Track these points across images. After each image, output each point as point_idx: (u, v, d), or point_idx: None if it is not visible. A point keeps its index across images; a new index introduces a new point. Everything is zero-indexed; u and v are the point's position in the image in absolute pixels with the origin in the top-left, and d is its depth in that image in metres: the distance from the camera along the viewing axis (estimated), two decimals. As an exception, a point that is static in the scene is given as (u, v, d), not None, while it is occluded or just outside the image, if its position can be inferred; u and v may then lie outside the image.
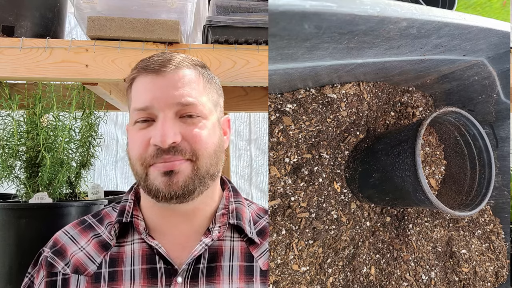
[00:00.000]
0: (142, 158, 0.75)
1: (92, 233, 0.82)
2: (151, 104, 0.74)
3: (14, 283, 1.00)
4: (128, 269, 0.76)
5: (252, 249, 0.80)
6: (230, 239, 0.81)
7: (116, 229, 0.79)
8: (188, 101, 0.75)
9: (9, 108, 1.15)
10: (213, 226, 0.80)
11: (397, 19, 0.77)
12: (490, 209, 1.37)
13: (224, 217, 0.81)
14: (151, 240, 0.77)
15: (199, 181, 0.75)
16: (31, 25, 1.05)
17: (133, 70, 0.80)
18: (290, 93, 1.10)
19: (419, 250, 1.20)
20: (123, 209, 0.81)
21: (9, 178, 1.16)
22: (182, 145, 0.74)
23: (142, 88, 0.76)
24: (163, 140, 0.72)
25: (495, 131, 1.29)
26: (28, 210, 1.03)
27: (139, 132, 0.76)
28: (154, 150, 0.73)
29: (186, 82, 0.76)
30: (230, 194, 0.86)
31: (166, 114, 0.74)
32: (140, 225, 0.80)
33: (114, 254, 0.78)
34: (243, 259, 0.79)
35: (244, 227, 0.81)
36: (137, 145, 0.75)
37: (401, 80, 1.24)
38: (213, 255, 0.78)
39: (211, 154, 0.77)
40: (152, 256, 0.77)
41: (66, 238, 0.82)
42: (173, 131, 0.73)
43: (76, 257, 0.78)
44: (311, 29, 0.71)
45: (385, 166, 1.03)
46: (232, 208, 0.83)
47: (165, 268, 0.75)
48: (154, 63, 0.76)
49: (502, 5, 1.40)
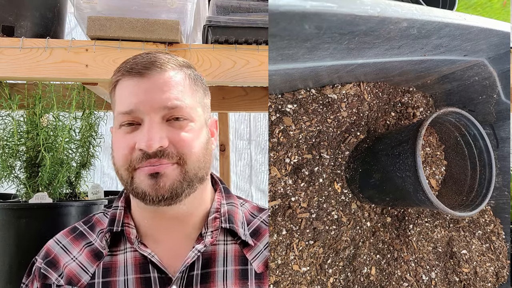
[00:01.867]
0: (127, 163, 0.73)
1: (84, 241, 0.81)
2: (136, 108, 0.72)
3: (14, 282, 1.00)
4: (122, 278, 0.75)
5: (246, 252, 0.79)
6: (224, 243, 0.79)
7: (108, 238, 0.78)
8: (175, 104, 0.73)
9: (9, 108, 1.15)
10: (205, 231, 0.78)
11: (397, 20, 0.77)
12: (491, 209, 1.37)
13: (216, 221, 0.79)
14: (144, 249, 0.76)
15: (187, 184, 0.74)
16: (31, 25, 1.05)
17: (116, 72, 0.77)
18: (290, 94, 1.10)
19: (420, 251, 1.20)
20: (113, 217, 0.79)
21: (9, 178, 1.16)
22: (169, 149, 0.72)
23: (126, 91, 0.74)
24: (149, 145, 0.70)
25: (495, 132, 1.29)
26: (28, 210, 1.03)
27: (125, 136, 0.74)
28: (140, 155, 0.72)
29: (172, 85, 0.74)
30: (222, 195, 0.84)
31: (152, 118, 0.72)
32: (132, 233, 0.78)
33: (107, 264, 0.77)
34: (237, 263, 0.78)
35: (237, 230, 0.79)
36: (122, 149, 0.73)
37: (401, 80, 1.24)
38: (207, 261, 0.77)
39: (199, 158, 0.75)
40: (145, 265, 0.75)
41: (58, 248, 0.80)
42: (160, 135, 0.71)
43: (69, 268, 0.77)
44: (311, 29, 0.71)
45: (386, 166, 1.02)
46: (224, 211, 0.81)
47: (159, 277, 0.74)
48: (139, 65, 0.74)
49: (502, 6, 1.40)
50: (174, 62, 0.77)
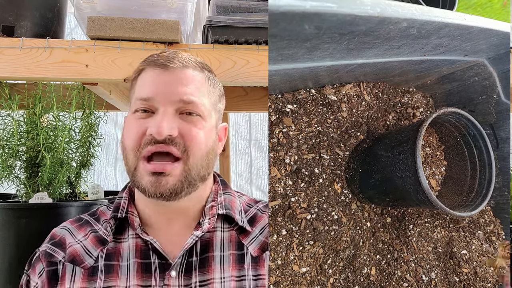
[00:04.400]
0: (136, 147, 0.75)
1: (90, 228, 0.83)
2: (153, 96, 0.76)
3: (13, 282, 1.00)
4: (124, 264, 0.77)
5: (242, 238, 0.82)
6: (221, 229, 0.82)
7: (112, 225, 0.80)
8: (191, 99, 0.76)
9: (9, 108, 1.15)
10: (203, 219, 0.81)
11: (397, 20, 0.77)
12: (491, 209, 1.37)
13: (213, 209, 0.83)
14: (146, 235, 0.78)
15: (188, 183, 0.76)
16: (31, 25, 1.05)
17: (142, 62, 0.82)
18: (290, 94, 1.10)
19: (420, 251, 1.20)
20: (118, 205, 0.82)
21: (9, 178, 1.16)
22: (177, 140, 0.75)
23: (148, 80, 0.78)
24: (160, 132, 0.73)
25: (495, 132, 1.29)
26: (28, 210, 1.03)
27: (138, 121, 0.76)
28: (149, 139, 0.74)
29: (191, 81, 0.78)
30: (219, 186, 0.87)
31: (167, 108, 0.75)
32: (135, 221, 0.81)
33: (111, 249, 0.79)
34: (234, 248, 0.81)
35: (234, 216, 0.82)
36: (133, 133, 0.76)
37: (401, 80, 1.24)
38: (205, 247, 0.79)
39: (203, 155, 0.77)
40: (147, 251, 0.78)
41: (64, 231, 0.83)
42: (171, 125, 0.74)
43: (73, 248, 0.79)
44: (311, 29, 0.71)
45: (386, 166, 1.02)
46: (220, 199, 0.84)
47: (159, 263, 0.76)
48: (164, 58, 0.78)
49: (502, 6, 1.40)
50: (198, 63, 0.82)
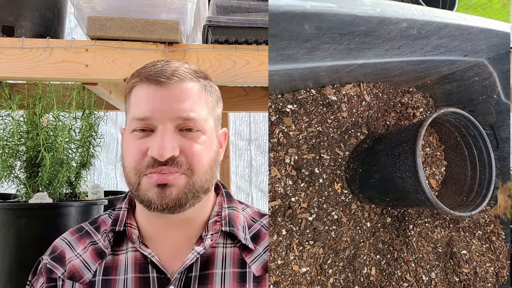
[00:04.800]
0: (137, 167, 0.74)
1: (89, 240, 0.82)
2: (151, 115, 0.73)
3: (13, 282, 1.00)
4: (122, 277, 0.76)
5: (245, 255, 0.80)
6: (223, 246, 0.80)
7: (110, 238, 0.79)
8: (190, 116, 0.74)
9: (9, 108, 1.15)
10: (205, 234, 0.79)
11: (397, 20, 0.77)
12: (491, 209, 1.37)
13: (216, 225, 0.81)
14: (144, 248, 0.77)
15: (192, 195, 0.75)
16: (31, 25, 1.05)
17: (134, 76, 0.78)
18: (290, 94, 1.10)
19: (420, 251, 1.20)
20: (117, 217, 0.81)
21: (9, 178, 1.16)
22: (179, 159, 0.73)
23: (143, 97, 0.75)
24: (161, 154, 0.71)
25: (495, 132, 1.28)
26: (28, 210, 1.03)
27: (137, 141, 0.74)
28: (150, 161, 0.73)
29: (189, 96, 0.75)
30: (224, 199, 0.85)
31: (166, 126, 0.73)
32: (134, 233, 0.79)
33: (109, 263, 0.78)
34: (236, 266, 0.78)
35: (237, 233, 0.80)
36: (133, 154, 0.74)
37: (401, 80, 1.24)
38: (205, 263, 0.77)
39: (206, 170, 0.76)
40: (145, 265, 0.76)
41: (64, 244, 0.82)
42: (172, 145, 0.72)
43: (72, 263, 0.78)
44: (311, 29, 0.71)
45: (386, 166, 1.02)
46: (224, 214, 0.82)
47: (158, 277, 0.75)
48: (158, 73, 0.75)
49: (502, 6, 1.40)
50: (193, 73, 0.78)
